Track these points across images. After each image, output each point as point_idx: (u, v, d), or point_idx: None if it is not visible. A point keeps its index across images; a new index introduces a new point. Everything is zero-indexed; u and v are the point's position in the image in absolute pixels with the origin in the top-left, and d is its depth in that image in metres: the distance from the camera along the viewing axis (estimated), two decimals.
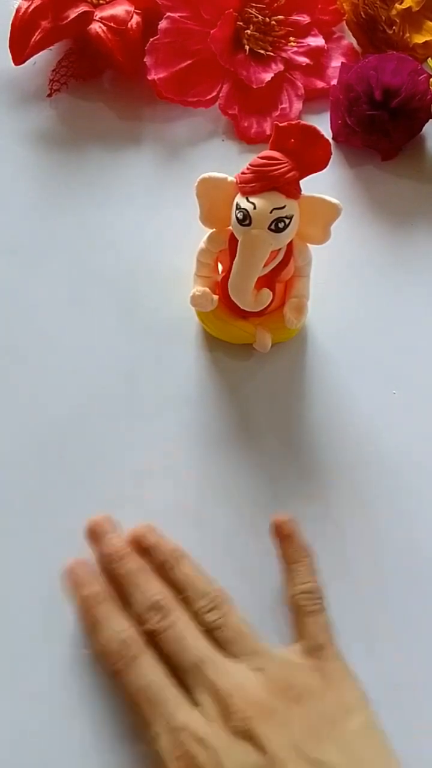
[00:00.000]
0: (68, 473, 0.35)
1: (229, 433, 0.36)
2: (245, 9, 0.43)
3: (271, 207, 0.30)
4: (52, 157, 0.43)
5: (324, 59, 0.45)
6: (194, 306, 0.36)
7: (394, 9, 0.43)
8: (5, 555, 0.34)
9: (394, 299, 0.39)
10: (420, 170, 0.43)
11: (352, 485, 0.35)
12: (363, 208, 0.42)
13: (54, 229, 0.41)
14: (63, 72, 0.44)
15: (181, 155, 0.43)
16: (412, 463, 0.36)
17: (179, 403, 0.37)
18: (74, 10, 0.42)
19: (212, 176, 0.32)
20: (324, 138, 0.30)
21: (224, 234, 0.34)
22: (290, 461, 0.35)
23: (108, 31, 0.42)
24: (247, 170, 0.31)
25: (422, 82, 0.41)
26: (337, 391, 0.37)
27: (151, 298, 0.39)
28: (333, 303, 0.39)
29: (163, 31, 0.42)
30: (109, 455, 0.35)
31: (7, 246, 0.40)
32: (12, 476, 0.35)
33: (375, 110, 0.40)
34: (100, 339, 0.38)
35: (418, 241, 0.41)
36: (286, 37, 0.44)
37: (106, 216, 0.41)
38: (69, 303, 0.39)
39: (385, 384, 0.37)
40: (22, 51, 0.43)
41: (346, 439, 0.36)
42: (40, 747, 0.30)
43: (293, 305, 0.35)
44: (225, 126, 0.44)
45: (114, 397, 0.37)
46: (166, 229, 0.41)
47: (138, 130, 0.44)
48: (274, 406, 0.37)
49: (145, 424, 0.36)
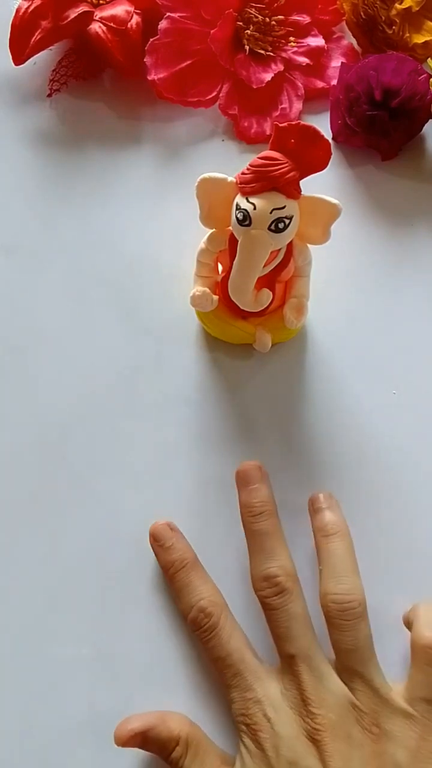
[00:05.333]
0: (68, 473, 0.35)
1: (229, 433, 0.36)
2: (245, 9, 0.43)
3: (271, 207, 0.30)
4: (52, 157, 0.43)
5: (324, 59, 0.45)
6: (194, 306, 0.36)
7: (394, 9, 0.43)
8: (5, 555, 0.34)
9: (394, 299, 0.39)
10: (420, 170, 0.43)
11: (352, 485, 0.35)
12: (363, 208, 0.42)
13: (54, 228, 0.41)
14: (63, 72, 0.44)
15: (181, 155, 0.43)
16: (412, 463, 0.36)
17: (179, 403, 0.37)
18: (74, 10, 0.42)
19: (212, 176, 0.32)
20: (324, 138, 0.30)
21: (224, 234, 0.34)
22: (290, 461, 0.35)
23: (108, 31, 0.42)
24: (247, 170, 0.30)
25: (422, 82, 0.41)
26: (337, 391, 0.37)
27: (151, 298, 0.39)
28: (333, 303, 0.39)
29: (163, 31, 0.42)
30: (108, 455, 0.35)
31: (7, 246, 0.40)
32: (12, 476, 0.35)
33: (375, 110, 0.40)
34: (100, 339, 0.38)
35: (418, 241, 0.41)
36: (286, 37, 0.44)
37: (106, 216, 0.41)
38: (69, 303, 0.39)
39: (385, 384, 0.37)
40: (22, 51, 0.43)
41: (346, 439, 0.36)
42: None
43: (293, 305, 0.35)
44: (225, 126, 0.44)
45: (114, 397, 0.37)
46: (166, 229, 0.41)
47: (138, 130, 0.44)
48: (274, 406, 0.37)
49: (145, 424, 0.36)
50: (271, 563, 0.30)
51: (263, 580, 0.30)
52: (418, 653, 0.29)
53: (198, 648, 0.32)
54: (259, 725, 0.28)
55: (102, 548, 0.34)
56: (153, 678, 0.32)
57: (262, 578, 0.30)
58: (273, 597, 0.29)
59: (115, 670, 0.32)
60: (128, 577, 0.33)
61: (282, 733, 0.27)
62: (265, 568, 0.30)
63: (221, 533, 0.33)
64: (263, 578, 0.30)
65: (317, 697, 0.28)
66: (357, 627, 0.29)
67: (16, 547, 0.34)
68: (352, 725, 0.27)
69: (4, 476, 0.35)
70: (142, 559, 0.33)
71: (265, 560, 0.30)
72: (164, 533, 0.33)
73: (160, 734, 0.29)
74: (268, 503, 0.32)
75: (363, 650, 0.29)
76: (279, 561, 0.30)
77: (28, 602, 0.33)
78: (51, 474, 0.35)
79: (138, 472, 0.35)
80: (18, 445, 0.36)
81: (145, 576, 0.33)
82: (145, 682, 0.32)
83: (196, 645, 0.32)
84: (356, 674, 0.28)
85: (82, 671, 0.32)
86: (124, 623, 0.33)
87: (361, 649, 0.29)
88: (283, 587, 0.29)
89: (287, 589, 0.29)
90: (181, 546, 0.32)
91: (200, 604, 0.30)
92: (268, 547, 0.30)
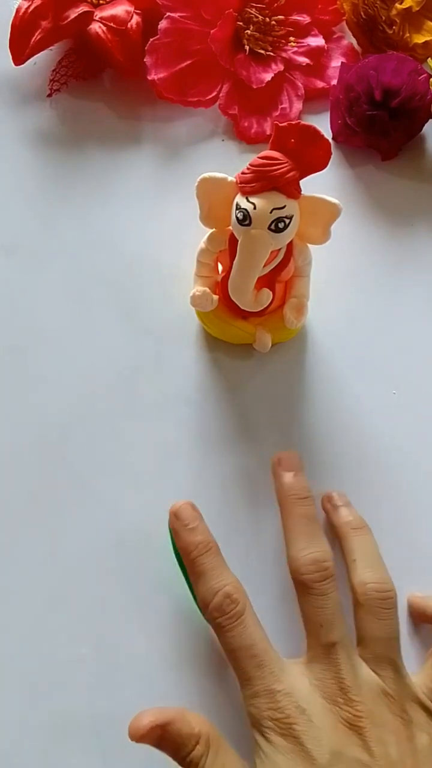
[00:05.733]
0: (68, 473, 0.35)
1: (229, 433, 0.36)
2: (245, 9, 0.43)
3: (271, 207, 0.30)
4: (52, 157, 0.43)
5: (324, 59, 0.45)
6: (194, 306, 0.36)
7: (394, 9, 0.43)
8: (5, 555, 0.34)
9: (394, 299, 0.39)
10: (420, 170, 0.43)
11: (352, 485, 0.35)
12: (363, 208, 0.42)
13: (54, 228, 0.41)
14: (63, 72, 0.44)
15: (181, 155, 0.43)
16: (412, 463, 0.36)
17: (179, 403, 0.37)
18: (74, 10, 0.42)
19: (212, 176, 0.32)
20: (324, 138, 0.30)
21: (224, 234, 0.34)
22: None
23: (108, 31, 0.42)
24: (247, 170, 0.31)
25: (422, 82, 0.41)
26: (337, 391, 0.37)
27: (151, 298, 0.39)
28: (333, 303, 0.39)
29: (163, 31, 0.42)
30: (108, 455, 0.35)
31: (7, 246, 0.40)
32: (12, 476, 0.35)
33: (375, 110, 0.40)
34: (100, 339, 0.38)
35: (418, 241, 0.41)
36: (286, 37, 0.44)
37: (106, 216, 0.41)
38: (69, 303, 0.39)
39: (385, 384, 0.37)
40: (22, 51, 0.43)
41: (346, 439, 0.36)
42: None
43: (293, 305, 0.35)
44: (225, 126, 0.44)
45: (114, 397, 0.37)
46: (166, 229, 0.41)
47: (138, 130, 0.44)
48: (274, 406, 0.37)
49: (145, 424, 0.36)
50: (317, 547, 0.30)
51: (311, 564, 0.29)
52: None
53: (198, 647, 0.32)
54: (293, 718, 0.27)
55: (102, 548, 0.34)
56: (153, 678, 0.32)
57: (310, 561, 0.29)
58: (320, 582, 0.29)
59: (115, 670, 0.32)
60: (128, 577, 0.33)
61: (321, 724, 0.27)
62: (311, 552, 0.30)
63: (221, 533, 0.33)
64: (311, 561, 0.29)
65: (355, 685, 0.28)
66: (394, 616, 0.29)
67: (16, 547, 0.34)
68: (386, 712, 0.28)
69: (4, 476, 0.35)
70: (142, 559, 0.33)
71: (310, 543, 0.30)
72: (188, 513, 0.31)
73: (181, 730, 0.27)
74: (310, 491, 0.32)
75: (396, 639, 0.29)
76: (324, 546, 0.30)
77: (28, 602, 0.33)
78: (51, 474, 0.35)
79: (138, 472, 0.35)
80: (18, 445, 0.36)
81: (145, 576, 0.33)
82: (145, 682, 0.32)
83: (197, 645, 0.32)
84: (389, 662, 0.29)
85: (82, 671, 0.32)
86: (124, 623, 0.33)
87: (396, 638, 0.29)
88: (331, 572, 0.29)
89: (333, 575, 0.29)
90: (205, 528, 0.31)
91: (226, 590, 0.29)
92: (312, 531, 0.30)
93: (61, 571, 0.33)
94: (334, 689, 0.28)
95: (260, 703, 0.27)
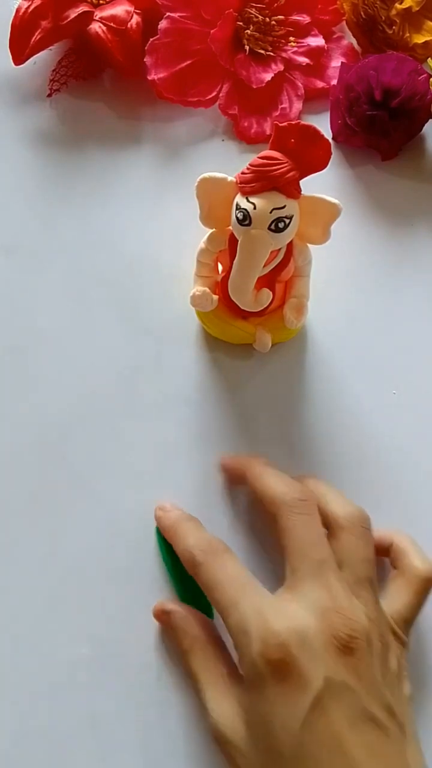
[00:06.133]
0: (68, 473, 0.35)
1: (229, 433, 0.36)
2: (245, 9, 0.43)
3: (271, 207, 0.30)
4: (52, 157, 0.43)
5: (324, 59, 0.45)
6: (194, 306, 0.36)
7: (394, 9, 0.43)
8: (5, 555, 0.34)
9: (394, 299, 0.39)
10: (420, 170, 0.43)
11: (352, 485, 0.35)
12: (363, 208, 0.42)
13: (54, 228, 0.41)
14: (63, 72, 0.44)
15: (181, 155, 0.43)
16: (412, 463, 0.36)
17: (179, 403, 0.37)
18: (74, 10, 0.42)
19: (212, 176, 0.32)
20: (324, 138, 0.30)
21: (224, 234, 0.34)
22: (290, 461, 0.35)
23: (108, 31, 0.42)
24: (247, 170, 0.31)
25: (422, 82, 0.41)
26: (337, 391, 0.37)
27: (151, 298, 0.39)
28: (333, 303, 0.39)
29: (163, 31, 0.42)
30: (108, 455, 0.35)
31: (7, 246, 0.40)
32: (12, 476, 0.35)
33: (375, 110, 0.40)
34: (100, 339, 0.38)
35: (418, 241, 0.41)
36: (286, 37, 0.44)
37: (106, 216, 0.41)
38: (69, 303, 0.39)
39: (385, 384, 0.37)
40: (22, 51, 0.43)
41: (346, 439, 0.36)
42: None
43: (293, 305, 0.35)
44: (225, 126, 0.44)
45: (114, 397, 0.37)
46: (166, 229, 0.41)
47: (138, 130, 0.44)
48: (274, 405, 0.37)
49: (145, 424, 0.36)
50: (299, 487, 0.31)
51: (297, 493, 0.30)
52: (415, 582, 0.30)
53: None
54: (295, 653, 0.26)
55: (102, 548, 0.34)
56: (153, 678, 0.32)
57: (296, 491, 0.30)
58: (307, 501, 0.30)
59: (115, 670, 0.32)
60: (128, 577, 0.33)
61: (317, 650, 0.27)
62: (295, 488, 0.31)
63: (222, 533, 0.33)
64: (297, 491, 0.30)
65: (350, 605, 0.28)
66: (372, 537, 0.31)
67: (16, 547, 0.34)
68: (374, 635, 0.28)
69: (4, 476, 0.35)
70: (141, 559, 0.33)
71: (292, 485, 0.31)
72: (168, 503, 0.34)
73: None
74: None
75: (374, 561, 0.30)
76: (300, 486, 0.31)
77: (28, 602, 0.33)
78: (51, 474, 0.35)
79: (138, 472, 0.35)
80: (18, 445, 0.36)
81: (145, 576, 0.33)
82: (145, 682, 0.32)
83: None
84: (370, 584, 0.29)
85: (82, 671, 0.32)
86: (124, 623, 0.33)
87: (374, 560, 0.30)
88: (315, 501, 0.31)
89: (313, 504, 0.30)
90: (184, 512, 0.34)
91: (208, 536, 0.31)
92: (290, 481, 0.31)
93: (61, 571, 0.33)
94: (327, 605, 0.27)
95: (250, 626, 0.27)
